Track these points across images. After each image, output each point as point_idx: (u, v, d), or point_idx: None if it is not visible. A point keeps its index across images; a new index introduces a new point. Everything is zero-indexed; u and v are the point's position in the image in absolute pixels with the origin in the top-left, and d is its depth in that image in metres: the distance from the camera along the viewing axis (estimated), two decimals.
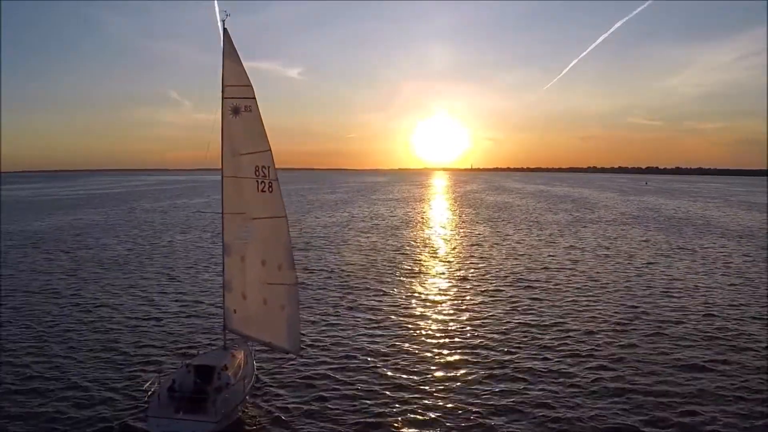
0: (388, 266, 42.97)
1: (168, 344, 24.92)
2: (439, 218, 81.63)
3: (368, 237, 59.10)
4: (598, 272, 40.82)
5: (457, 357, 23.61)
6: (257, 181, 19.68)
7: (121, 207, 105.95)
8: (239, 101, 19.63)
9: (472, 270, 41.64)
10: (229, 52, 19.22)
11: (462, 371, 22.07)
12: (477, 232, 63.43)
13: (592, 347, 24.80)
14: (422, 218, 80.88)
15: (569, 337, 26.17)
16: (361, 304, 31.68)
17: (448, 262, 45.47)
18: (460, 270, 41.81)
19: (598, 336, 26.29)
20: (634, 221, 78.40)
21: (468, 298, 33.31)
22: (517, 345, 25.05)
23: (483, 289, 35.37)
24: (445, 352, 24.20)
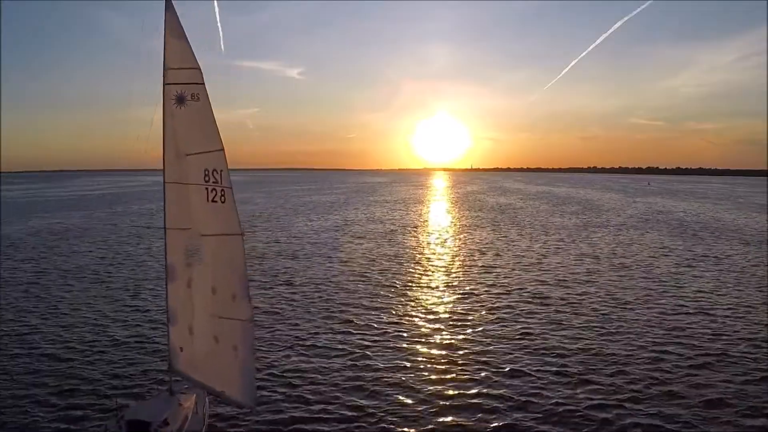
0: (382, 278, 38.81)
1: (108, 381, 20.62)
2: (439, 222, 77.36)
3: (361, 243, 54.80)
4: (618, 286, 36.59)
5: (465, 400, 19.33)
6: (207, 189, 15.57)
7: (108, 209, 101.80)
8: (184, 88, 15.43)
9: (476, 283, 37.43)
10: (173, 28, 15.00)
11: (471, 420, 17.95)
12: (480, 238, 59.23)
13: (625, 383, 20.57)
14: (421, 222, 76.62)
15: (596, 370, 21.93)
16: (348, 325, 27.48)
17: (450, 273, 41.28)
18: (462, 283, 37.62)
19: (630, 369, 21.99)
20: (645, 225, 74.23)
21: (474, 318, 29.10)
22: (537, 382, 20.79)
23: (491, 306, 31.12)
24: (451, 392, 19.96)
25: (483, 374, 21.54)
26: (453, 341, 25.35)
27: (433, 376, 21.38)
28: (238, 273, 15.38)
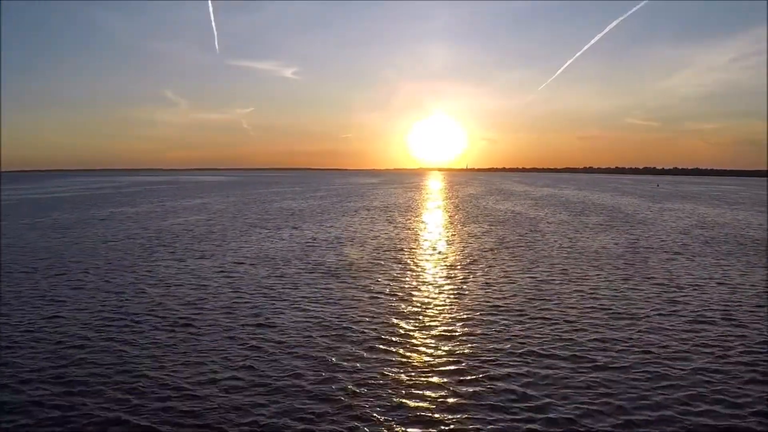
0: (345, 362, 19.41)
1: None
2: (434, 244, 57.21)
3: (312, 291, 34.36)
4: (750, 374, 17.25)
5: None
6: None
7: (48, 216, 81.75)
8: None
9: (508, 370, 17.98)
10: None
11: None
12: (498, 276, 39.70)
13: None
14: (410, 244, 56.48)
15: None
16: None
17: (458, 353, 21.80)
18: (482, 374, 18.27)
19: None
20: (715, 249, 54.86)
21: None
22: None
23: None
24: None
25: None
26: None
27: None
28: None
